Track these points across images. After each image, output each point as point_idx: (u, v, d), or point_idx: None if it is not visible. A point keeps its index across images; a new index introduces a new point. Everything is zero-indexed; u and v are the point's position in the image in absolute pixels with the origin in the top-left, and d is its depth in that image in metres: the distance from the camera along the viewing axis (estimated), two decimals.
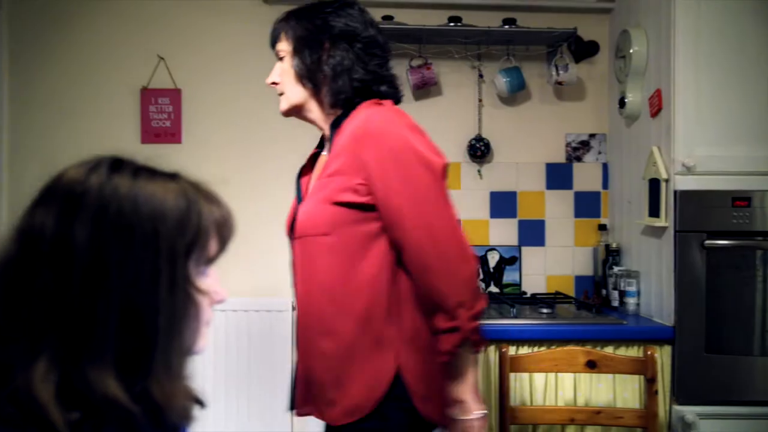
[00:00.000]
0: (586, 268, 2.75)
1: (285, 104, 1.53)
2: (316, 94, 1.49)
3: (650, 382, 1.87)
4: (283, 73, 1.51)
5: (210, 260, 0.82)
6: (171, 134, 2.70)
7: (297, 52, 1.48)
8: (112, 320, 0.70)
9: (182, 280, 0.76)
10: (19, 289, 0.71)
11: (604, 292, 2.59)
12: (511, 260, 2.71)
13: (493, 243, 2.73)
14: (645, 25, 2.34)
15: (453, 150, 2.73)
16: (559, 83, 2.60)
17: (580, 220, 2.75)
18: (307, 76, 1.47)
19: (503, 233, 2.74)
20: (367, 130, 1.37)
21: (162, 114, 2.70)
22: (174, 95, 2.69)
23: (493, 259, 2.71)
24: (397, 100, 1.53)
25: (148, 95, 2.69)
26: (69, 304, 0.69)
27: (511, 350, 2.02)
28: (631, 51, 2.34)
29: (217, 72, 2.71)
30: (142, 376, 0.72)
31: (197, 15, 2.72)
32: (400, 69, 2.67)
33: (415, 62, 2.66)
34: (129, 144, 2.69)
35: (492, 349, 2.13)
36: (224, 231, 0.83)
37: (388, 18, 2.60)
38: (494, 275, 2.71)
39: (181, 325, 0.76)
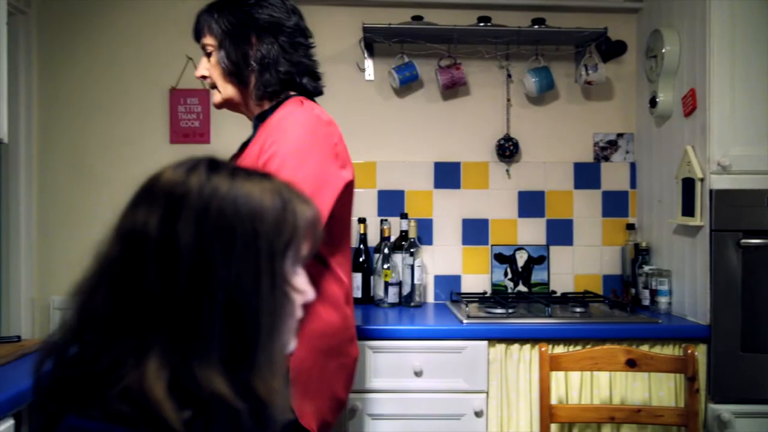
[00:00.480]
0: (613, 267, 2.75)
1: (218, 98, 1.57)
2: (244, 88, 1.54)
3: (691, 380, 1.88)
4: (212, 68, 1.54)
5: (302, 259, 0.82)
6: (200, 134, 2.71)
7: (222, 47, 1.50)
8: (217, 318, 0.71)
9: (280, 279, 0.77)
10: (126, 289, 0.72)
11: (633, 291, 2.59)
12: (539, 259, 2.72)
13: (521, 242, 2.74)
14: (677, 25, 2.35)
15: (481, 149, 2.74)
16: (589, 83, 2.61)
17: (608, 220, 2.76)
18: (236, 72, 1.51)
19: (531, 232, 2.74)
20: (281, 123, 1.44)
21: (191, 114, 2.71)
22: (203, 95, 2.70)
23: (521, 258, 2.72)
24: (318, 93, 1.60)
25: (176, 95, 2.70)
26: (175, 302, 0.70)
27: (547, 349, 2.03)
28: (663, 51, 2.34)
29: None
30: (246, 373, 0.73)
31: None
32: (428, 68, 2.68)
33: (444, 62, 2.67)
34: (158, 144, 2.70)
35: (525, 346, 2.14)
36: (315, 230, 0.84)
37: (417, 18, 2.60)
38: (523, 274, 2.72)
39: (280, 323, 0.77)
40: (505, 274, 2.72)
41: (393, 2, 2.69)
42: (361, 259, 2.59)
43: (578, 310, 2.32)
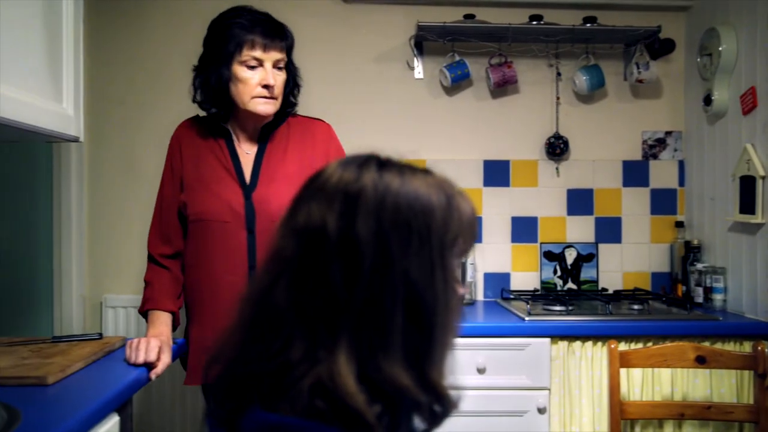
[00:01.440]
0: (661, 264, 2.76)
1: (273, 108, 1.69)
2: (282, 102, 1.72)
3: (761, 377, 1.88)
4: (278, 80, 1.68)
5: (462, 255, 0.83)
6: None
7: (289, 65, 1.72)
8: (399, 312, 0.72)
9: (450, 274, 0.78)
10: (309, 284, 0.73)
11: (683, 288, 2.60)
12: (588, 257, 2.73)
13: (570, 240, 2.75)
14: (734, 23, 2.35)
15: (530, 148, 2.75)
16: (640, 81, 2.62)
17: (656, 217, 2.77)
18: (290, 89, 1.75)
19: (580, 230, 2.75)
20: (333, 135, 1.81)
21: None
22: None
23: (570, 256, 2.73)
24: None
25: None
26: (360, 297, 0.71)
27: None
28: (720, 49, 2.35)
29: None
30: (425, 366, 0.74)
31: (276, 14, 2.71)
32: (478, 67, 2.69)
33: (495, 60, 2.68)
34: None
35: (587, 344, 2.15)
36: (473, 226, 0.85)
37: (469, 16, 2.61)
38: (572, 272, 2.73)
39: (452, 317, 0.78)
40: (554, 272, 2.73)
41: (442, 1, 2.70)
42: None
43: (636, 307, 2.33)
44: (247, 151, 1.75)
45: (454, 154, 2.73)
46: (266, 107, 1.67)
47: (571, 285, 2.72)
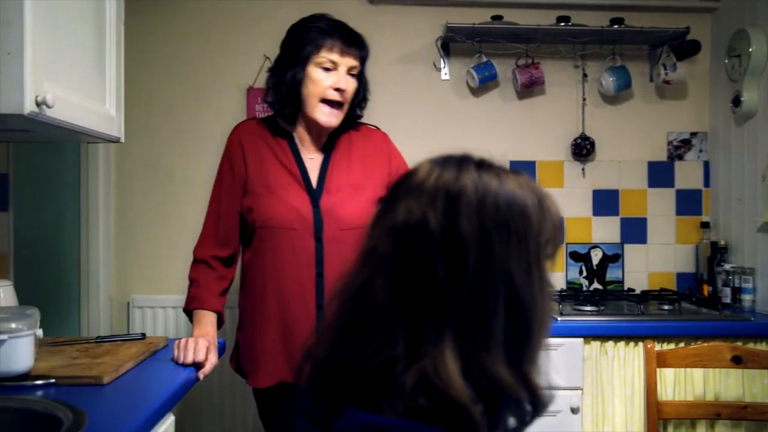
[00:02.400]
0: (687, 265, 2.77)
1: (336, 122, 1.68)
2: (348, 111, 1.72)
3: None
4: (349, 89, 1.68)
5: (553, 257, 0.84)
6: None
7: (361, 74, 1.73)
8: (501, 311, 0.72)
9: (544, 274, 0.79)
10: (410, 282, 0.73)
11: (709, 288, 2.61)
12: (613, 257, 2.74)
13: (596, 240, 2.75)
14: (764, 25, 2.36)
15: (556, 148, 2.76)
16: (667, 82, 2.63)
17: (682, 218, 2.78)
18: (358, 101, 1.75)
19: (606, 231, 2.76)
20: (391, 143, 1.83)
21: (268, 113, 2.71)
22: None
23: (596, 256, 2.73)
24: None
25: (254, 94, 2.71)
26: (464, 295, 0.72)
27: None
28: (750, 50, 2.36)
29: None
30: (524, 365, 0.74)
31: (302, 14, 2.72)
32: (504, 68, 2.70)
33: (522, 61, 2.68)
34: None
35: (620, 343, 2.15)
36: (562, 229, 0.85)
37: (497, 18, 2.62)
38: (597, 272, 2.73)
39: (547, 317, 0.79)
40: (580, 272, 2.73)
41: (469, 2, 2.70)
42: None
43: (666, 307, 2.34)
44: (310, 156, 1.73)
45: (481, 155, 2.73)
46: (330, 119, 1.67)
47: (596, 285, 2.73)
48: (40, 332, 1.38)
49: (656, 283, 2.75)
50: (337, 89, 1.64)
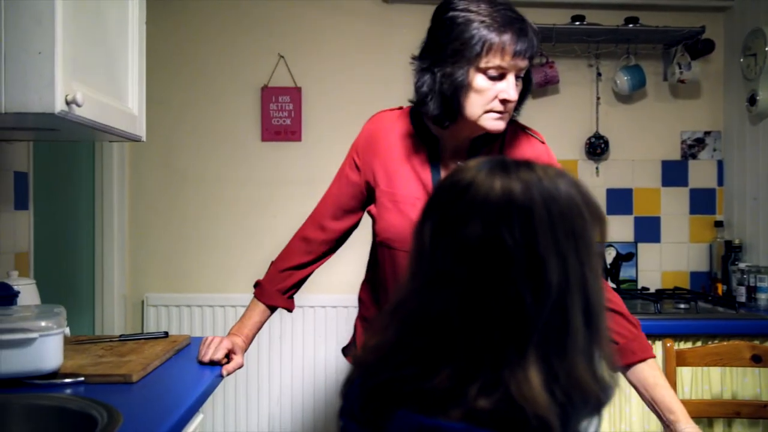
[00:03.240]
0: (700, 263, 2.77)
1: (504, 125, 1.36)
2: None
3: None
4: (517, 94, 1.34)
5: (601, 253, 0.84)
6: (291, 132, 2.72)
7: (526, 76, 1.37)
8: (579, 318, 0.72)
9: (600, 269, 0.79)
10: (494, 306, 0.71)
11: (723, 287, 2.61)
12: (627, 256, 2.74)
13: (609, 239, 2.75)
14: None
15: (569, 148, 2.76)
16: (682, 81, 2.63)
17: (695, 217, 2.78)
18: (520, 103, 1.39)
19: (619, 230, 2.76)
20: (552, 157, 1.50)
21: (282, 112, 2.72)
22: (294, 93, 2.71)
23: (609, 255, 2.73)
24: None
25: (268, 93, 2.71)
26: (546, 311, 0.71)
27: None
28: (766, 49, 2.36)
29: (336, 71, 2.73)
30: (596, 364, 0.75)
31: (317, 14, 2.74)
32: None
33: (536, 60, 2.68)
34: (249, 142, 2.71)
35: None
36: (606, 221, 0.85)
37: None
38: (611, 271, 2.73)
39: (605, 317, 0.79)
40: None
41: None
42: None
43: (683, 306, 2.34)
44: (458, 163, 1.54)
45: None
46: (498, 123, 1.34)
47: (610, 284, 2.73)
48: (67, 330, 1.38)
49: (670, 282, 2.75)
50: (505, 101, 1.32)
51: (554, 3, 2.69)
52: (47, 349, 1.28)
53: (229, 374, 1.53)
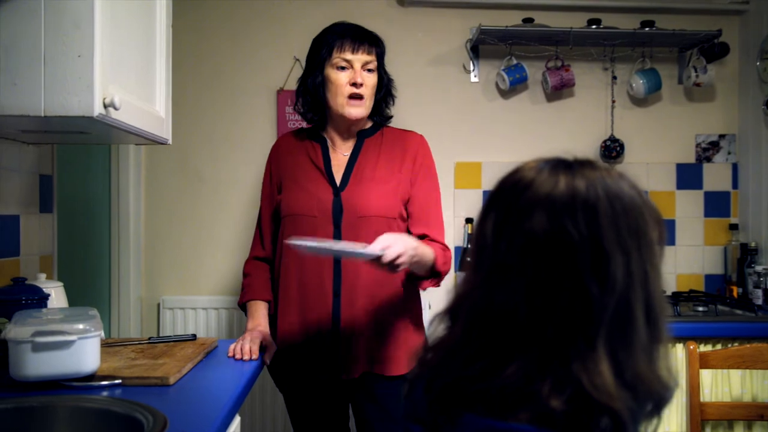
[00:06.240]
0: (715, 266, 2.78)
1: (364, 111, 1.76)
2: (373, 106, 1.80)
3: None
4: (368, 84, 1.75)
5: (661, 251, 0.85)
6: None
7: (379, 70, 1.79)
8: (640, 311, 0.73)
9: (660, 269, 0.79)
10: (562, 300, 0.72)
11: (739, 290, 2.62)
12: None
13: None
14: None
15: (585, 151, 2.75)
16: (697, 84, 2.64)
17: (710, 220, 2.79)
18: (382, 96, 1.82)
19: None
20: (424, 144, 1.84)
21: (297, 115, 2.71)
22: None
23: None
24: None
25: (284, 96, 2.71)
26: (612, 305, 0.72)
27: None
28: None
29: None
30: (659, 362, 0.75)
31: (333, 16, 2.70)
32: (533, 70, 2.71)
33: (552, 64, 2.69)
34: (265, 145, 2.70)
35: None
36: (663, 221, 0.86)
37: (528, 20, 2.63)
38: None
39: (665, 314, 0.79)
40: None
41: (499, 4, 2.71)
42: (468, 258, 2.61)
43: (701, 309, 2.35)
44: (343, 154, 1.81)
45: (510, 157, 2.74)
46: (356, 110, 1.74)
47: None
48: (102, 333, 1.38)
49: (684, 285, 2.76)
50: (354, 83, 1.71)
51: (571, 6, 2.70)
52: (86, 352, 1.28)
53: (270, 359, 1.67)
